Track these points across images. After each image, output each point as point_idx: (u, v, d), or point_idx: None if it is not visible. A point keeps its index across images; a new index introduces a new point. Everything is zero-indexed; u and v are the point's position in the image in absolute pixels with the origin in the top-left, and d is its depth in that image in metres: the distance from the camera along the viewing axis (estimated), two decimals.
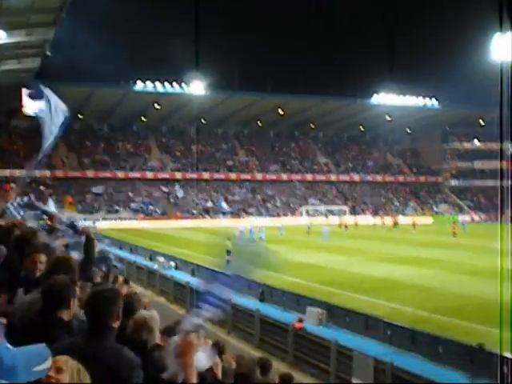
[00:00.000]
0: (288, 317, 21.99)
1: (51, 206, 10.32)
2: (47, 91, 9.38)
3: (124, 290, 8.17)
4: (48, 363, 2.33)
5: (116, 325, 4.12)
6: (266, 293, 26.49)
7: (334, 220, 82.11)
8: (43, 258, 5.93)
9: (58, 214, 9.88)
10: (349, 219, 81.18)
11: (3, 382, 2.06)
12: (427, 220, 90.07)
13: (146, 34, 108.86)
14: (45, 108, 9.00)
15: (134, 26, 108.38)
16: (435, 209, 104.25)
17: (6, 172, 72.76)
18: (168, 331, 6.07)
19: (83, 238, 8.35)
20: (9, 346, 2.25)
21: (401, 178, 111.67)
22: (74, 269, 5.48)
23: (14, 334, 4.42)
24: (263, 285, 26.60)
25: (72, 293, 4.50)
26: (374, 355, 16.53)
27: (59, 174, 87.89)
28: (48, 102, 9.32)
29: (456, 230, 61.94)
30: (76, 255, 8.75)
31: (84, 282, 6.07)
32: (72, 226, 8.99)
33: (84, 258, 7.68)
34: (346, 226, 73.60)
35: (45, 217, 9.72)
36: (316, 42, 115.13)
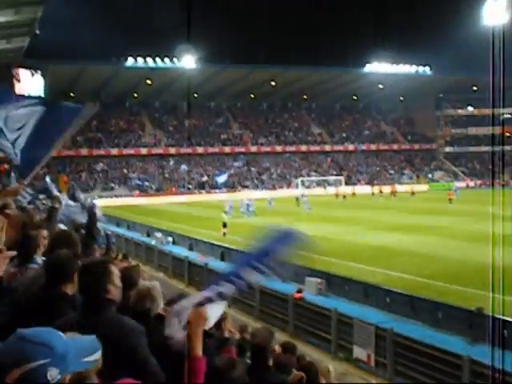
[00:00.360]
0: (287, 287, 22.06)
1: (53, 188, 10.29)
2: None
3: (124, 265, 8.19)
4: (97, 355, 2.35)
5: (113, 296, 4.08)
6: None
7: (331, 190, 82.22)
8: (45, 233, 5.92)
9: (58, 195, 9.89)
10: (346, 189, 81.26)
11: (54, 369, 2.08)
12: (423, 187, 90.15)
13: (135, 8, 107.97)
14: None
15: (124, 1, 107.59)
16: (430, 176, 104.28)
17: (0, 153, 72.47)
18: (171, 303, 6.07)
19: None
20: (61, 334, 2.26)
21: (395, 146, 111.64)
22: (77, 243, 5.47)
23: (18, 309, 4.44)
24: None
25: (75, 267, 4.46)
26: (375, 323, 16.65)
27: (53, 153, 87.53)
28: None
29: (451, 196, 62.07)
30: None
31: (86, 258, 6.06)
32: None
33: (85, 233, 7.68)
34: (344, 196, 73.19)
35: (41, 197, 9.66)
36: (307, 12, 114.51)
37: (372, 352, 16.12)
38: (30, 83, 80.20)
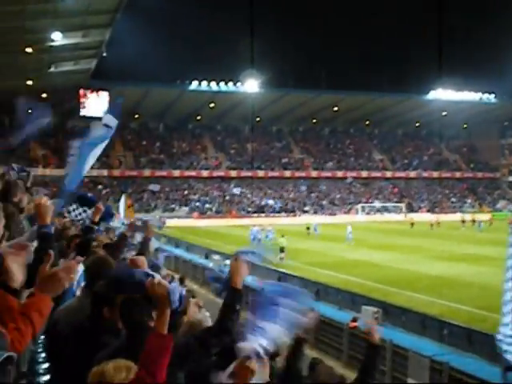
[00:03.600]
0: (343, 316, 21.92)
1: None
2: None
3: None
4: None
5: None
6: (322, 291, 26.42)
7: (390, 217, 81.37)
8: None
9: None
10: (411, 216, 79.75)
11: None
12: (485, 217, 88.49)
13: (201, 34, 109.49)
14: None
15: (190, 27, 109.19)
16: (493, 205, 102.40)
17: (63, 172, 73.86)
18: None
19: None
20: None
21: (458, 174, 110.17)
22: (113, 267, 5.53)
23: (64, 337, 4.56)
24: (318, 283, 26.59)
25: (119, 297, 4.51)
26: (430, 355, 16.41)
27: (116, 173, 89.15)
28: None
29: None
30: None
31: None
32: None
33: (137, 254, 7.67)
34: (412, 224, 70.41)
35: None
36: (371, 38, 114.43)
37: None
38: (96, 104, 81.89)
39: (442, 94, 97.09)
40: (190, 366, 4.08)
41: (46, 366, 3.67)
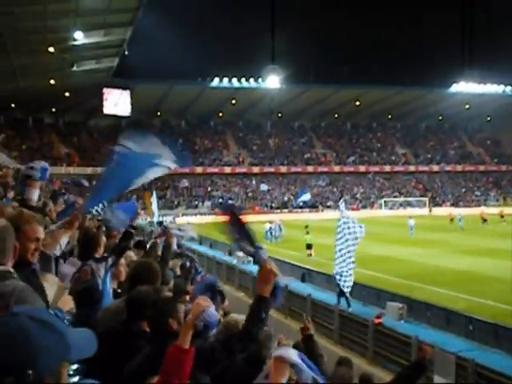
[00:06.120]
0: (368, 311, 21.87)
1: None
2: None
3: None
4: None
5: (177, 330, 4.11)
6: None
7: (414, 211, 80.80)
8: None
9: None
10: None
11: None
12: (510, 210, 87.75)
13: (222, 30, 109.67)
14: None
15: (211, 24, 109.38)
16: None
17: (88, 170, 74.34)
18: None
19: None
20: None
21: (481, 168, 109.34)
22: (158, 276, 5.53)
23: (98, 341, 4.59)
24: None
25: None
26: (456, 351, 16.30)
27: None
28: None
29: None
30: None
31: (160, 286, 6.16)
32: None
33: (160, 260, 7.69)
34: (451, 219, 65.53)
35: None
36: (393, 31, 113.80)
37: (452, 381, 15.79)
38: (118, 102, 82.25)
39: (465, 87, 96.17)
40: (214, 370, 4.09)
41: (74, 366, 3.66)
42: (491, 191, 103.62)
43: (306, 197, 79.08)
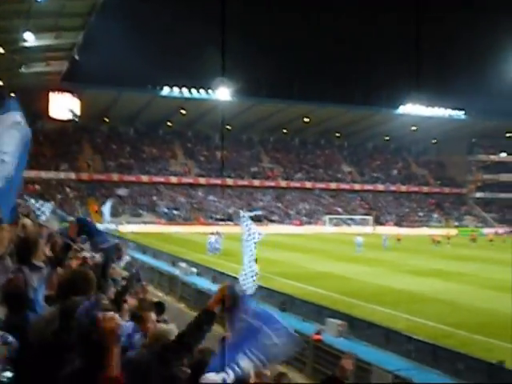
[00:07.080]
0: (307, 327, 21.78)
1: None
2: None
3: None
4: None
5: None
6: (288, 302, 26.24)
7: (357, 229, 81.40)
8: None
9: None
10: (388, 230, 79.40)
11: None
12: (451, 232, 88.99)
13: (173, 40, 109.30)
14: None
15: (162, 32, 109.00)
16: (459, 221, 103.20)
17: (32, 173, 73.18)
18: None
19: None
20: None
21: (425, 189, 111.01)
22: (93, 286, 5.30)
23: (29, 349, 4.37)
24: (284, 294, 26.49)
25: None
26: (394, 370, 16.33)
27: (84, 176, 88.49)
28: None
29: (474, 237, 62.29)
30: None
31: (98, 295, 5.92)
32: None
33: (100, 274, 7.39)
34: (398, 239, 65.84)
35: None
36: (344, 51, 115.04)
37: None
38: (66, 106, 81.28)
39: (412, 109, 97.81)
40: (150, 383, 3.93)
41: (8, 374, 3.48)
42: (434, 212, 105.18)
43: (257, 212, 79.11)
